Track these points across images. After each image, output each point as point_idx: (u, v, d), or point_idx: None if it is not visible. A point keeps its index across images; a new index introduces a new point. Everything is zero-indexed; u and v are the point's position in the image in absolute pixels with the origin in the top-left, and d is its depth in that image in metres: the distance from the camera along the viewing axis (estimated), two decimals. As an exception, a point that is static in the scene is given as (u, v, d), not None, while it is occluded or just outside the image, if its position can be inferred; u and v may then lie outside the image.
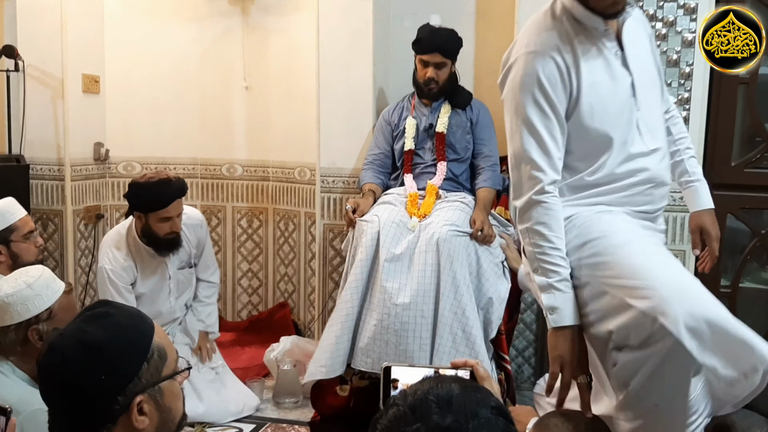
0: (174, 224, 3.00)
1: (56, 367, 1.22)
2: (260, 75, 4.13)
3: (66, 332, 1.25)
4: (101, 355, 1.22)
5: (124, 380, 1.23)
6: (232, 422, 3.09)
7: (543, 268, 1.80)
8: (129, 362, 1.24)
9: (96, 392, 1.21)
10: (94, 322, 1.26)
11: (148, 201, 2.94)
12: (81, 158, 3.89)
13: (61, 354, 1.22)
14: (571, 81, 1.81)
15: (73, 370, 1.20)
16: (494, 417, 0.89)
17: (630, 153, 1.86)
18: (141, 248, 3.08)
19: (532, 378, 3.48)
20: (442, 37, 3.17)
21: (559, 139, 1.82)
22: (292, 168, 4.05)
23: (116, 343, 1.24)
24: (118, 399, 1.22)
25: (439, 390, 0.91)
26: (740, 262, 3.14)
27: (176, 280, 3.21)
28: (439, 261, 2.78)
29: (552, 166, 1.83)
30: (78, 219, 3.89)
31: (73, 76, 3.79)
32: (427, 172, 3.22)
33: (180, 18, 4.15)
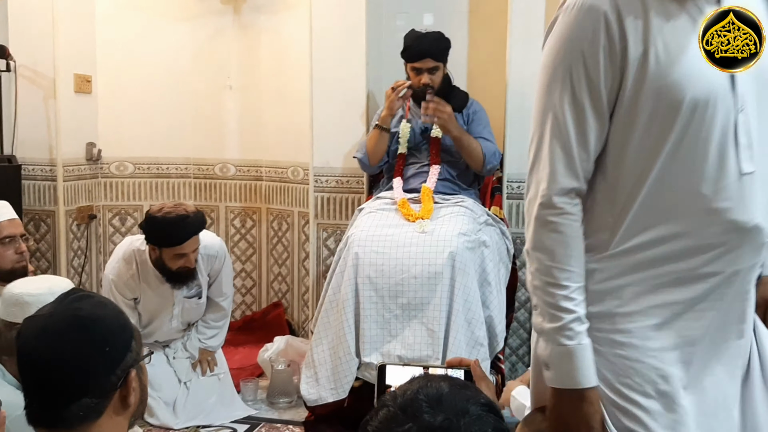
0: (188, 260, 2.90)
1: (54, 347, 1.21)
2: (253, 74, 4.13)
3: (56, 313, 1.25)
4: (102, 328, 1.25)
5: (122, 353, 1.26)
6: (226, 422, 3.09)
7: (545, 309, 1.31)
8: (123, 335, 1.28)
9: (96, 365, 1.22)
10: (82, 301, 1.28)
11: (163, 237, 2.84)
12: (73, 158, 3.87)
13: (58, 332, 1.22)
14: (628, 56, 1.25)
15: (76, 346, 1.21)
16: (485, 413, 0.90)
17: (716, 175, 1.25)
18: (150, 271, 2.99)
19: (526, 376, 3.49)
20: (430, 41, 3.15)
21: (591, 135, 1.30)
22: (285, 167, 4.04)
23: (110, 317, 1.28)
24: (117, 372, 1.24)
25: (428, 389, 0.91)
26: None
27: (181, 308, 3.12)
28: (454, 276, 2.76)
29: (571, 170, 1.31)
30: (70, 219, 3.88)
31: (65, 76, 3.77)
32: (423, 172, 3.22)
33: (172, 17, 4.13)
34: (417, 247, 2.83)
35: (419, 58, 3.15)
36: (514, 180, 3.43)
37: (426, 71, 3.15)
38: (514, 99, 3.36)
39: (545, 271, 1.32)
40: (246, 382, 3.34)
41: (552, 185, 1.33)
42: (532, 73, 3.37)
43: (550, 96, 1.36)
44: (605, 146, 1.33)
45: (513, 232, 3.33)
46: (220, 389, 3.23)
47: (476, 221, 2.97)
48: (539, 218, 1.35)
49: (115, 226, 4.18)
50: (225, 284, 3.23)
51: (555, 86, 1.35)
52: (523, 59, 3.32)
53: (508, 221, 3.37)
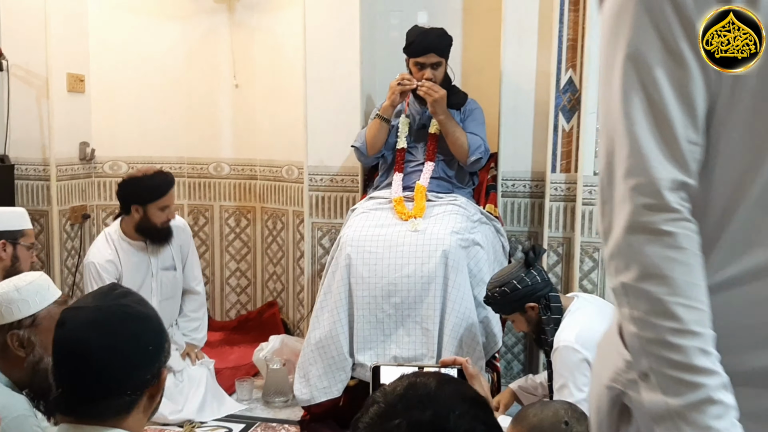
0: (170, 212, 3.16)
1: (108, 340, 1.23)
2: (247, 73, 4.12)
3: (103, 306, 1.27)
4: (147, 326, 1.29)
5: (159, 352, 1.30)
6: (222, 421, 3.08)
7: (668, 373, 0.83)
8: (161, 334, 1.32)
9: (141, 362, 1.26)
10: (127, 299, 1.31)
11: (148, 191, 3.09)
12: (66, 158, 3.86)
13: (111, 327, 1.24)
14: None
15: (126, 342, 1.25)
16: (473, 408, 0.91)
17: None
18: (125, 245, 3.17)
19: (521, 374, 3.49)
20: (434, 36, 3.16)
21: (699, 105, 0.88)
22: (280, 166, 4.03)
23: (153, 317, 1.33)
24: (153, 368, 1.28)
25: (417, 385, 0.93)
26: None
27: (159, 281, 3.25)
28: (447, 274, 2.76)
29: (676, 157, 0.87)
30: (64, 219, 3.86)
31: (58, 76, 3.75)
32: (419, 170, 3.22)
33: (165, 16, 4.12)
34: (410, 246, 2.83)
35: (423, 53, 3.14)
36: (509, 178, 3.43)
37: (429, 66, 3.14)
38: (508, 96, 3.36)
39: (663, 312, 0.83)
40: (241, 382, 3.33)
41: (654, 176, 0.86)
42: (526, 70, 3.41)
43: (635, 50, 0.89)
44: None
45: (507, 230, 3.33)
46: (212, 384, 3.22)
47: (470, 219, 2.97)
48: (643, 227, 0.86)
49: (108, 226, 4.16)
50: (195, 265, 3.44)
51: (638, 37, 0.89)
52: (517, 57, 3.32)
53: (503, 219, 3.37)
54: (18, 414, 1.68)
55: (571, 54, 3.18)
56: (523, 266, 2.51)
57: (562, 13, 3.16)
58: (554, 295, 2.48)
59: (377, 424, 0.90)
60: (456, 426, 0.88)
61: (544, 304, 2.45)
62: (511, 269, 2.53)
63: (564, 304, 2.50)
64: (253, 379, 3.44)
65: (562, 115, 3.22)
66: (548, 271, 3.32)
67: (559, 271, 3.32)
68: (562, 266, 3.31)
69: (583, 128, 3.10)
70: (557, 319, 2.43)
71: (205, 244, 4.31)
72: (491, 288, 2.54)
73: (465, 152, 3.13)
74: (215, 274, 4.32)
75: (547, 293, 2.47)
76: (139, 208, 3.10)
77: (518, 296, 2.47)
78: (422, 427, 0.87)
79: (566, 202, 3.25)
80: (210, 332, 3.98)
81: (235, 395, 3.32)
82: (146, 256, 3.21)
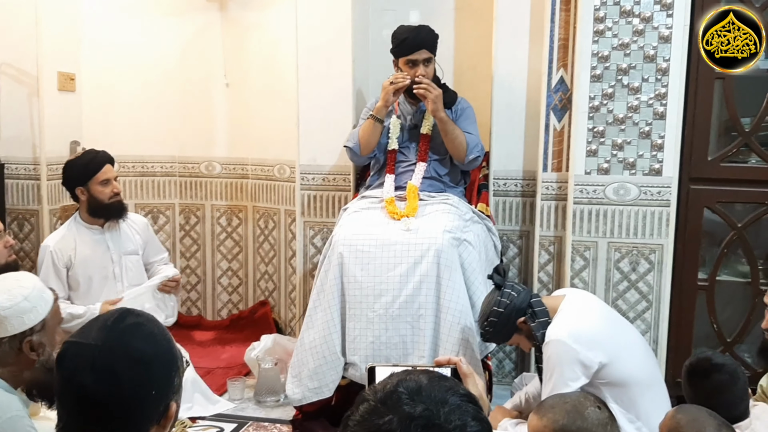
0: (115, 186, 3.21)
1: (107, 385, 1.17)
2: (239, 71, 4.11)
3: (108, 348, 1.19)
4: (153, 370, 1.21)
5: (167, 389, 1.23)
6: (214, 420, 3.08)
7: None
8: (170, 372, 1.25)
9: (144, 405, 1.20)
10: (134, 336, 1.22)
11: (83, 169, 3.17)
12: (57, 157, 3.84)
13: (112, 371, 1.17)
14: None
15: (128, 387, 1.18)
16: (464, 403, 0.91)
17: None
18: (83, 229, 3.25)
19: (513, 373, 3.50)
20: (424, 32, 3.16)
21: None
22: (272, 165, 4.03)
23: (160, 355, 1.24)
24: (160, 408, 1.22)
25: (408, 382, 0.93)
26: (717, 256, 3.17)
27: (122, 266, 3.29)
28: (440, 273, 2.76)
29: None
30: (55, 219, 3.84)
31: (49, 74, 3.74)
32: (411, 170, 3.22)
33: (157, 14, 4.11)
34: (402, 245, 2.83)
35: (416, 49, 3.13)
36: (501, 177, 3.44)
37: (422, 63, 3.14)
38: (501, 95, 3.37)
39: None
40: (233, 381, 3.33)
41: None
42: (518, 69, 3.42)
43: None
44: None
45: (499, 229, 3.34)
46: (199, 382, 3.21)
47: (462, 218, 2.97)
48: None
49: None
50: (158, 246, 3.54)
51: None
52: (509, 56, 3.33)
53: (495, 218, 3.38)
54: (12, 414, 1.68)
55: (562, 53, 3.18)
56: (495, 290, 2.52)
57: (553, 12, 3.17)
58: (536, 300, 2.49)
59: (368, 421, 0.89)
60: (446, 420, 0.88)
61: (530, 313, 2.46)
62: (488, 300, 2.54)
63: (554, 303, 2.50)
64: (245, 378, 3.43)
65: (553, 115, 3.23)
66: (540, 269, 3.33)
67: (550, 270, 3.33)
68: (553, 265, 3.32)
69: (574, 127, 3.11)
70: (545, 321, 2.43)
71: (197, 243, 4.30)
72: (481, 326, 2.56)
73: (464, 151, 3.13)
74: (206, 274, 4.31)
75: (529, 301, 2.48)
76: (83, 190, 3.17)
77: (505, 319, 2.47)
78: (413, 421, 0.87)
79: (557, 201, 3.26)
80: (202, 331, 3.99)
81: (227, 394, 3.31)
82: (104, 240, 3.26)
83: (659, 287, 3.11)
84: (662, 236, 3.08)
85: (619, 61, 3.02)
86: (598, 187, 3.10)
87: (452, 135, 3.11)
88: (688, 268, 3.16)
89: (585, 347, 2.31)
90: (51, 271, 3.16)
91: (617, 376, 2.36)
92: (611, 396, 2.37)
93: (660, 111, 3.01)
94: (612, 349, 2.36)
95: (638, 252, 3.11)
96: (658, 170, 3.05)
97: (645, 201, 3.08)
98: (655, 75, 3.00)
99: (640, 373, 2.42)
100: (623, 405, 2.38)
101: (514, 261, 3.50)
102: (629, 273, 3.13)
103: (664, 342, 3.12)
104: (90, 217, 3.22)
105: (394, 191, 3.15)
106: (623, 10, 2.99)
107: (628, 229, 3.10)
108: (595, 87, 3.06)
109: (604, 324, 2.46)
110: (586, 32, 3.03)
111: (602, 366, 2.33)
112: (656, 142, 3.03)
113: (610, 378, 2.35)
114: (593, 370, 2.32)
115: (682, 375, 2.24)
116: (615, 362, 2.35)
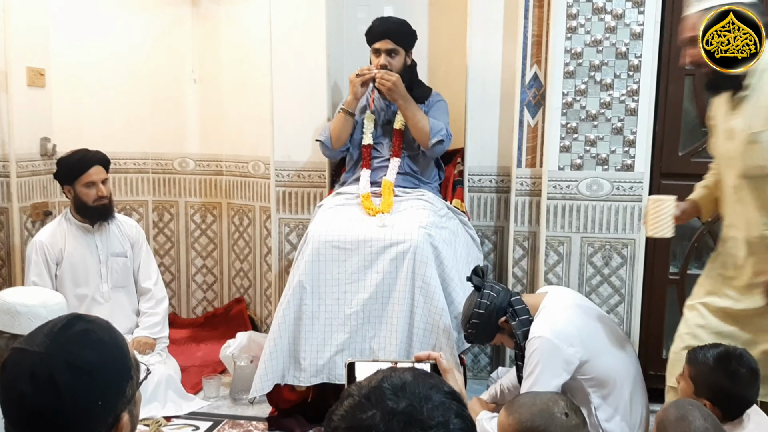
0: (100, 190, 3.17)
1: (46, 396, 1.10)
2: (212, 66, 4.07)
3: (49, 356, 1.13)
4: (96, 379, 1.14)
5: (116, 400, 1.17)
6: (189, 419, 3.06)
7: None
8: (120, 381, 1.18)
9: (89, 417, 1.13)
10: (79, 344, 1.16)
11: (69, 170, 3.16)
12: (27, 154, 3.78)
13: (52, 381, 1.11)
14: None
15: (69, 398, 1.11)
16: (448, 400, 0.92)
17: None
18: (74, 227, 3.24)
19: (488, 368, 3.53)
20: (392, 23, 3.18)
21: None
22: (246, 162, 4.00)
23: (108, 364, 1.17)
24: (108, 419, 1.15)
25: (392, 378, 0.93)
26: (688, 249, 3.22)
27: (108, 267, 3.29)
28: (415, 269, 2.76)
29: None
30: (25, 216, 3.78)
31: (17, 69, 3.67)
32: (385, 166, 3.22)
33: (127, 8, 4.06)
34: (377, 241, 2.83)
35: (379, 38, 3.15)
36: (475, 173, 3.45)
37: (384, 52, 3.14)
38: (475, 90, 3.38)
39: None
40: (208, 379, 3.31)
41: None
42: (492, 65, 3.43)
43: None
44: None
45: (474, 225, 3.35)
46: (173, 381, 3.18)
47: (437, 214, 2.98)
48: None
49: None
50: (147, 264, 3.41)
51: None
52: (483, 51, 3.34)
53: (470, 214, 3.39)
54: None
55: (536, 50, 3.20)
56: (475, 292, 2.54)
57: (527, 9, 3.19)
58: (516, 299, 2.51)
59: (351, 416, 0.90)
60: (429, 416, 0.88)
61: (510, 312, 2.48)
62: (468, 302, 2.56)
63: (534, 300, 2.52)
64: (220, 376, 3.42)
65: (527, 111, 3.25)
66: (514, 265, 3.35)
67: (525, 265, 3.35)
68: (527, 260, 3.35)
69: (547, 124, 3.13)
70: (526, 320, 2.45)
71: (171, 240, 4.26)
72: (464, 329, 2.58)
73: (426, 135, 3.12)
74: (181, 271, 4.28)
75: (509, 300, 2.50)
76: (69, 189, 3.18)
77: (487, 320, 2.49)
78: (396, 416, 0.88)
79: (531, 197, 3.28)
80: (176, 329, 3.95)
81: (202, 392, 3.29)
82: (93, 239, 3.26)
83: (632, 281, 3.15)
84: (634, 231, 3.11)
85: (591, 57, 3.05)
86: (571, 182, 3.13)
87: (414, 119, 3.11)
88: (660, 262, 3.20)
89: (567, 344, 2.34)
90: (42, 267, 3.16)
91: (598, 372, 2.39)
92: (592, 391, 2.40)
93: (632, 107, 3.05)
94: (593, 346, 2.40)
95: (611, 247, 3.14)
96: (630, 166, 3.08)
97: (617, 196, 3.11)
98: (627, 72, 3.04)
99: (621, 368, 2.46)
100: (605, 400, 2.41)
101: (489, 256, 3.52)
102: (602, 267, 3.16)
103: (636, 335, 3.16)
104: (78, 215, 3.23)
105: (370, 187, 3.15)
106: (596, 7, 3.02)
107: (601, 224, 3.14)
108: (568, 83, 3.08)
109: (586, 321, 2.49)
110: (559, 29, 3.06)
111: (583, 362, 2.36)
112: (628, 137, 3.07)
113: (591, 374, 2.38)
114: (574, 367, 2.35)
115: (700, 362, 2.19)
116: (596, 358, 2.38)
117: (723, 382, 2.05)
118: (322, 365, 2.82)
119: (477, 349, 3.54)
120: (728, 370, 2.06)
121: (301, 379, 2.84)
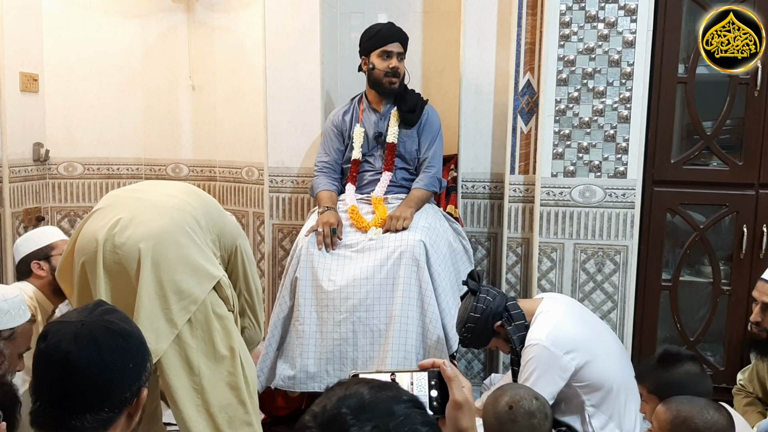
0: None
1: (90, 353, 1.24)
2: (206, 73, 4.07)
3: (89, 323, 1.28)
4: (130, 344, 1.30)
5: (142, 368, 1.31)
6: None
7: None
8: (145, 352, 1.33)
9: (122, 378, 1.26)
10: (111, 315, 1.32)
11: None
12: (20, 159, 3.77)
13: (94, 340, 1.25)
14: None
15: (108, 355, 1.25)
16: (410, 410, 0.87)
17: None
18: None
19: (482, 374, 3.53)
20: (398, 28, 3.16)
21: None
22: (240, 167, 4.00)
23: (136, 333, 1.34)
24: (133, 387, 1.28)
25: (349, 399, 0.86)
26: (680, 256, 3.24)
27: None
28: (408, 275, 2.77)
29: None
30: (17, 221, 3.77)
31: (11, 75, 3.66)
32: (376, 179, 3.19)
33: (122, 14, 4.05)
34: (369, 250, 2.83)
35: (391, 40, 3.11)
36: (469, 180, 3.46)
37: (395, 56, 3.12)
38: (468, 98, 3.39)
39: None
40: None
41: None
42: (486, 72, 3.44)
43: None
44: None
45: (468, 231, 3.36)
46: None
47: (430, 221, 2.98)
48: None
49: (64, 228, 4.07)
50: None
51: None
52: (477, 59, 3.36)
53: (463, 220, 3.40)
54: None
55: (529, 57, 3.22)
56: (471, 296, 2.54)
57: (520, 17, 3.21)
58: (512, 304, 2.51)
59: None
60: None
61: (506, 317, 2.48)
62: (464, 306, 2.57)
63: (531, 306, 2.53)
64: (213, 382, 3.40)
65: (520, 118, 3.26)
66: (508, 271, 3.36)
67: (518, 271, 3.36)
68: (521, 266, 3.35)
69: (540, 131, 3.15)
70: (521, 324, 2.46)
71: (164, 246, 4.25)
72: (459, 333, 2.58)
73: (428, 199, 3.17)
74: (174, 277, 4.26)
75: (504, 305, 2.51)
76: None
77: (482, 324, 2.50)
78: None
79: (525, 203, 3.30)
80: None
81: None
82: None
83: (624, 288, 3.16)
84: (627, 237, 3.13)
85: (584, 65, 3.07)
86: (564, 189, 3.14)
87: (420, 205, 3.09)
88: (652, 268, 3.22)
89: (563, 351, 2.34)
90: None
91: (593, 379, 2.39)
92: (587, 398, 2.41)
93: (624, 114, 3.06)
94: (589, 352, 2.40)
95: (603, 253, 3.15)
96: (623, 173, 3.10)
97: (610, 203, 3.12)
98: (620, 79, 3.05)
99: (616, 375, 2.46)
100: (599, 407, 2.42)
101: (483, 262, 3.52)
102: (595, 274, 3.17)
103: (629, 341, 3.17)
104: None
105: (354, 200, 3.14)
106: (588, 15, 3.04)
107: (594, 231, 3.15)
108: (561, 91, 3.10)
109: (582, 327, 2.50)
110: (552, 37, 3.07)
111: (579, 368, 2.36)
112: (621, 145, 3.08)
113: (586, 380, 2.39)
114: (570, 373, 2.35)
115: (643, 364, 2.26)
116: (591, 364, 2.39)
117: (673, 374, 2.05)
118: (314, 373, 2.81)
119: (471, 355, 3.54)
120: (671, 361, 2.08)
121: (292, 385, 2.83)
